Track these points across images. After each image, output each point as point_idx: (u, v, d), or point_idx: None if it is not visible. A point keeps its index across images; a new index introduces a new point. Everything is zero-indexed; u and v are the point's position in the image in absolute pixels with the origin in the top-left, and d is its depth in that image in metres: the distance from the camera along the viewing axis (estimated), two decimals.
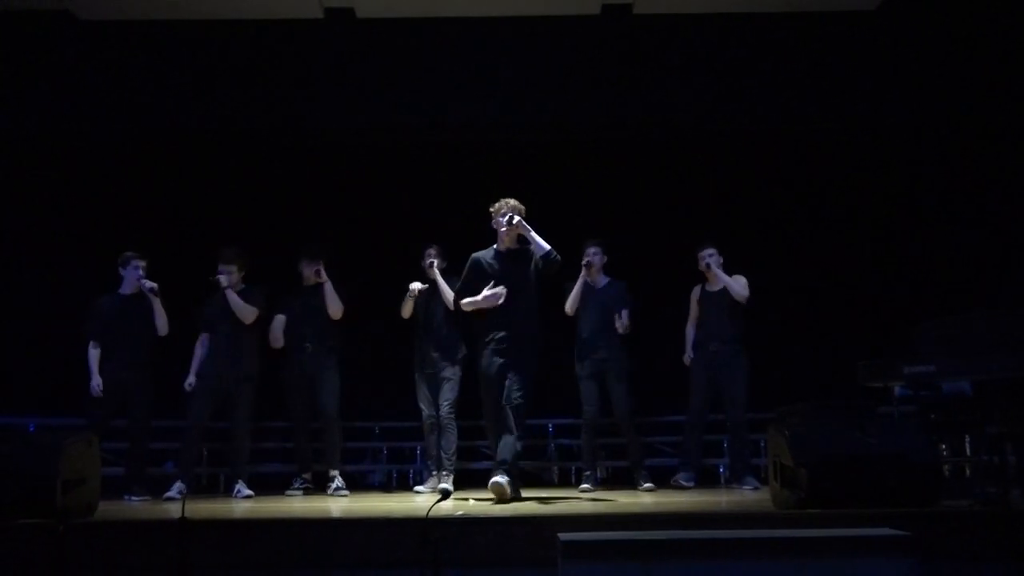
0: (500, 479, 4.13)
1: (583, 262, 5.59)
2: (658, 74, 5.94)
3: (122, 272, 5.46)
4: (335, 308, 5.60)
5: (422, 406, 5.63)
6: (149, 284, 5.36)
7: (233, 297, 5.39)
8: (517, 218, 4.45)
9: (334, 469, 5.61)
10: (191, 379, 5.44)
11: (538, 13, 5.94)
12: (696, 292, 5.87)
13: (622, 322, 5.55)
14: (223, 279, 5.38)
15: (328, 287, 5.58)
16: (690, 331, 5.85)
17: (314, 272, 5.57)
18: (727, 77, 5.91)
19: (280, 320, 5.69)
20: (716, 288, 5.74)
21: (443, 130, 6.04)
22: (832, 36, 5.94)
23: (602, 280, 5.70)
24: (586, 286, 5.63)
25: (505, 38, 5.96)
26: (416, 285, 5.49)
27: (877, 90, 5.87)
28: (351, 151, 7.81)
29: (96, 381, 5.27)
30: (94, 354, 5.34)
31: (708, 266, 5.64)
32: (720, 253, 5.73)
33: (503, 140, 7.34)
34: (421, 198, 7.92)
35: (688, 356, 5.79)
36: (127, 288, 5.46)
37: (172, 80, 5.88)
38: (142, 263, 5.45)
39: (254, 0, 5.77)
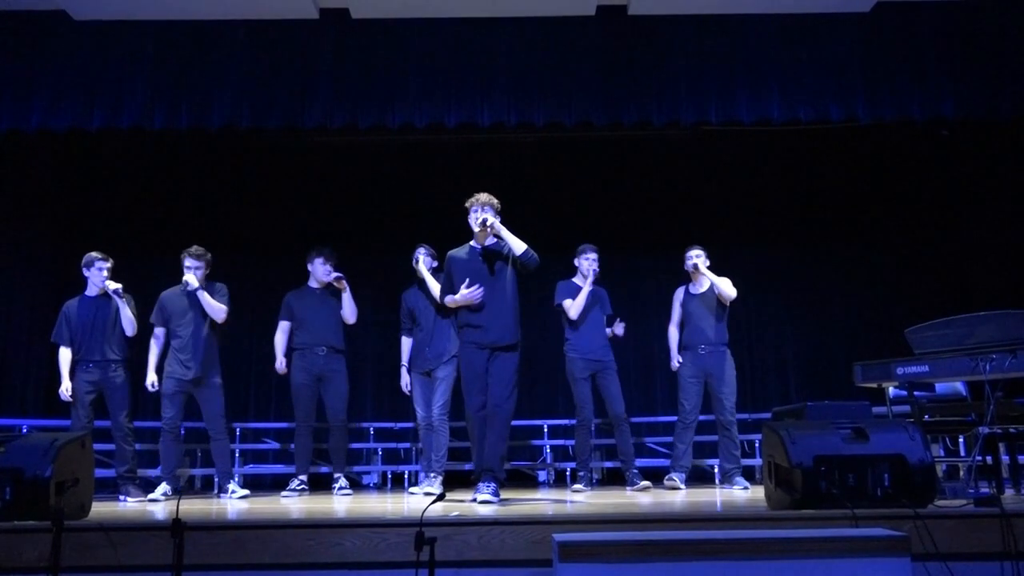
0: (490, 496, 4.15)
1: (592, 269, 5.66)
2: (653, 75, 5.94)
3: (86, 273, 5.44)
4: (353, 315, 5.69)
5: (416, 408, 5.64)
6: (113, 286, 5.33)
7: (206, 298, 5.38)
8: (491, 219, 4.43)
9: (340, 471, 5.63)
10: (152, 378, 5.36)
11: (533, 14, 5.94)
12: (679, 294, 5.88)
13: (620, 327, 5.66)
14: (193, 278, 5.33)
15: (347, 295, 5.65)
16: (673, 333, 5.85)
17: (335, 280, 5.62)
18: (722, 78, 5.92)
19: (286, 327, 5.75)
20: (701, 290, 5.75)
21: (437, 131, 6.03)
22: (826, 37, 5.95)
23: (591, 284, 5.74)
24: (576, 288, 5.69)
25: (500, 39, 5.96)
26: (405, 385, 5.67)
27: (871, 91, 5.88)
28: (345, 151, 7.82)
29: (65, 386, 5.25)
30: (64, 358, 5.32)
31: (695, 267, 5.65)
32: (708, 254, 5.74)
33: (497, 141, 7.35)
34: (415, 198, 7.94)
35: (676, 361, 5.78)
36: (93, 290, 5.44)
37: (167, 80, 5.87)
38: (107, 264, 5.42)
39: (249, 1, 5.76)
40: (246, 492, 5.47)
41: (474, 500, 4.24)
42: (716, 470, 6.31)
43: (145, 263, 7.64)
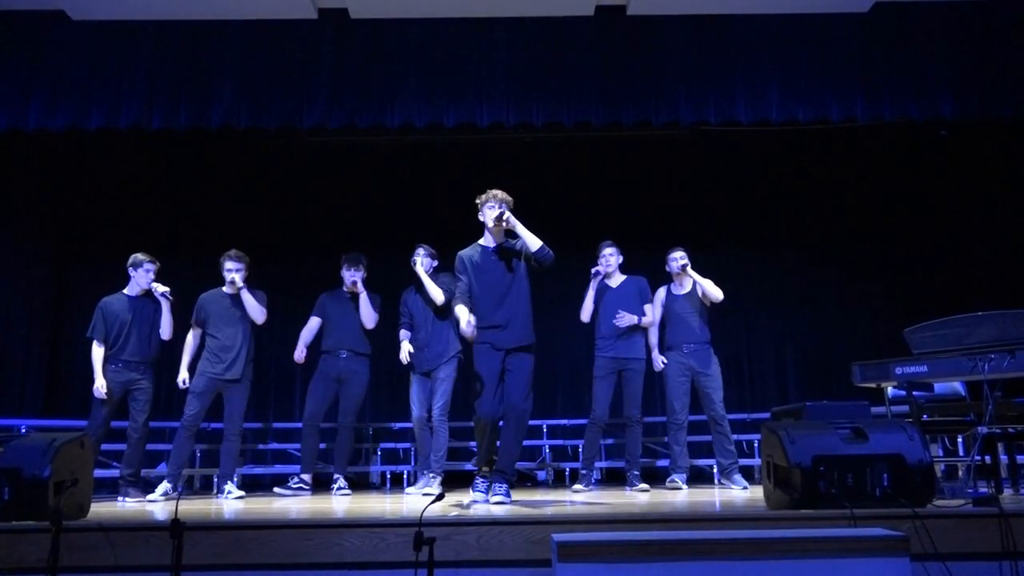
0: (503, 497, 4.18)
1: (593, 270, 5.66)
2: (652, 75, 5.95)
3: (132, 273, 5.47)
4: (369, 319, 5.71)
5: (412, 407, 5.64)
6: (162, 289, 5.40)
7: (248, 298, 5.49)
8: (507, 213, 4.34)
9: (340, 472, 5.64)
10: (184, 375, 5.45)
11: (531, 14, 5.94)
12: (661, 294, 5.85)
13: (641, 316, 5.61)
14: (239, 278, 5.45)
15: (364, 299, 5.65)
16: (654, 334, 5.82)
17: (352, 284, 5.65)
18: (721, 78, 5.92)
19: (315, 323, 5.80)
20: (685, 290, 5.75)
21: (436, 131, 6.04)
22: (824, 38, 5.96)
23: (618, 278, 5.72)
24: (602, 286, 5.66)
25: (498, 39, 5.97)
26: (405, 355, 5.58)
27: (870, 91, 5.89)
28: (344, 151, 7.82)
29: (99, 382, 5.25)
30: (98, 355, 5.33)
31: (684, 268, 5.65)
32: (690, 255, 5.73)
33: (496, 141, 7.35)
34: (413, 198, 7.94)
35: (660, 361, 5.75)
36: (134, 290, 5.46)
37: (165, 80, 5.87)
38: (154, 266, 5.49)
39: (247, 1, 5.76)
40: (241, 494, 5.46)
41: (475, 502, 4.26)
42: (715, 469, 6.31)
43: None
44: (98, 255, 7.67)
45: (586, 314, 5.67)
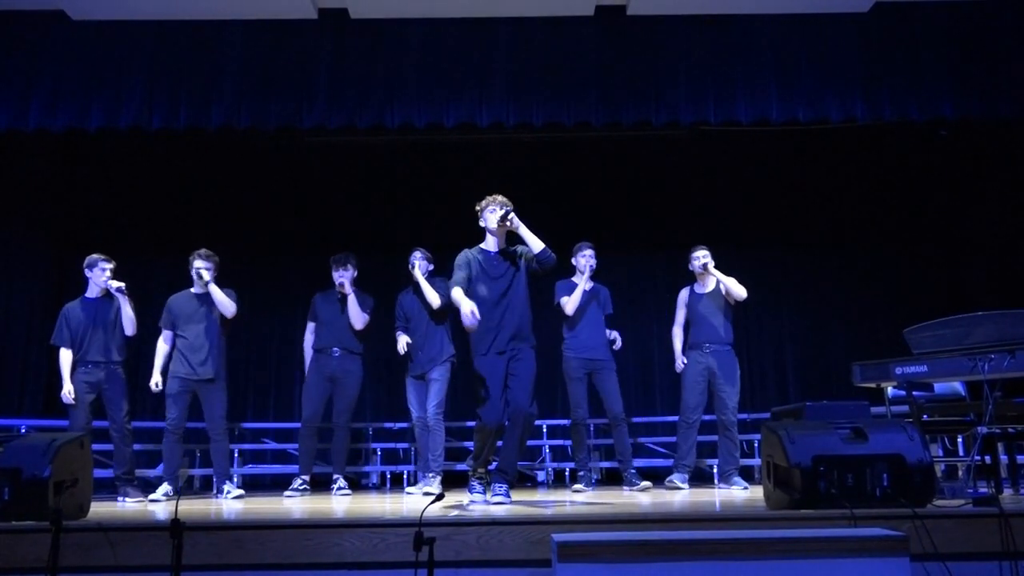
0: (503, 498, 4.18)
1: (587, 264, 5.66)
2: (652, 75, 5.94)
3: (88, 274, 5.46)
4: (357, 319, 5.68)
5: (411, 409, 5.65)
6: (116, 284, 5.36)
7: (216, 292, 5.44)
8: (512, 214, 4.31)
9: (339, 472, 5.63)
10: (156, 379, 5.46)
11: (532, 14, 5.94)
12: (684, 295, 5.84)
13: (615, 335, 5.69)
14: (206, 273, 5.42)
15: (352, 299, 5.64)
16: (677, 335, 5.82)
17: (339, 285, 5.64)
18: (721, 78, 5.92)
19: (311, 328, 5.81)
20: (708, 289, 5.73)
21: (436, 131, 6.03)
22: (824, 38, 5.95)
23: (590, 283, 5.73)
24: (576, 286, 5.67)
25: (499, 39, 5.96)
26: (403, 345, 5.58)
27: (870, 91, 5.89)
28: (344, 151, 7.82)
29: (67, 388, 5.26)
30: (65, 360, 5.34)
31: (705, 267, 5.64)
32: (712, 254, 5.72)
33: (496, 141, 7.35)
34: (413, 198, 7.94)
35: (681, 363, 5.74)
36: (94, 291, 5.46)
37: (165, 80, 5.86)
38: (109, 265, 5.45)
39: (247, 1, 5.76)
40: (240, 492, 5.47)
41: (473, 503, 4.26)
42: (715, 470, 6.31)
43: (143, 263, 7.65)
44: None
45: (571, 307, 5.65)
